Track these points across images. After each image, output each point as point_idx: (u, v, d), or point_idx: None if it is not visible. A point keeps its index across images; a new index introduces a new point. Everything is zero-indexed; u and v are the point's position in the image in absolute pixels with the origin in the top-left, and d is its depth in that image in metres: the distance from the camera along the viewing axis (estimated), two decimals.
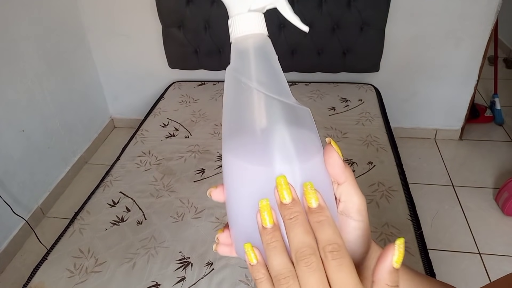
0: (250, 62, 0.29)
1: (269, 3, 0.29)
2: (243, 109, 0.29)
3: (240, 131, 0.29)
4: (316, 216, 0.27)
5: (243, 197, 0.29)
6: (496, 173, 2.03)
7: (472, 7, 1.88)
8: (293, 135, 0.28)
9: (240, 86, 0.29)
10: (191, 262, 1.15)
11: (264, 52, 0.29)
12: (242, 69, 0.29)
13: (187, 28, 2.06)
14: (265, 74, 0.29)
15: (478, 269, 1.56)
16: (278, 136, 0.28)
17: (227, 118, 0.30)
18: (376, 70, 2.07)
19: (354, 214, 0.30)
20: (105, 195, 1.42)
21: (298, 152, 0.28)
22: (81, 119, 2.23)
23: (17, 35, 1.74)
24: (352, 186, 0.30)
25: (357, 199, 0.30)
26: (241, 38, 0.29)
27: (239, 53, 0.29)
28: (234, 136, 0.30)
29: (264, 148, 0.28)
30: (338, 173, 0.29)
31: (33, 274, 1.15)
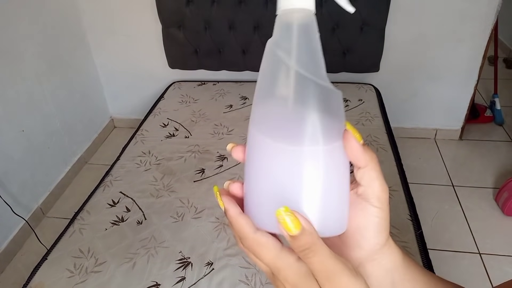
0: (292, 38, 0.29)
1: None
2: (276, 85, 0.29)
3: (270, 107, 0.30)
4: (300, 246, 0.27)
5: (265, 173, 0.30)
6: (496, 173, 2.03)
7: (472, 7, 1.88)
8: (321, 117, 0.28)
9: (277, 61, 0.29)
10: (191, 262, 1.15)
11: (307, 30, 0.29)
12: (282, 43, 0.29)
13: (187, 28, 2.06)
14: (304, 52, 0.29)
15: (478, 269, 1.56)
16: (307, 116, 0.28)
17: (259, 92, 0.30)
18: (376, 70, 2.07)
19: (374, 200, 0.30)
20: (105, 195, 1.42)
21: (324, 134, 0.28)
22: (81, 119, 2.23)
23: (17, 35, 1.74)
24: (374, 171, 0.30)
25: (378, 186, 0.30)
26: (288, 11, 0.29)
27: (283, 26, 0.29)
28: (264, 111, 0.30)
29: (291, 127, 0.28)
30: (357, 157, 0.29)
31: (33, 274, 1.15)
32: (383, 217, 0.31)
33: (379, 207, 0.30)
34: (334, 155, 0.29)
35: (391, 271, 0.33)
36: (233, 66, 2.17)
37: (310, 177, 0.29)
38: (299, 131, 0.28)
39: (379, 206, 0.30)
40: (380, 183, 0.30)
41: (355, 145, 0.29)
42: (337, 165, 0.29)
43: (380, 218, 0.30)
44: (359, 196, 0.31)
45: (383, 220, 0.31)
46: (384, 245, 0.32)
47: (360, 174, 0.30)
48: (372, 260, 0.32)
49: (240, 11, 1.98)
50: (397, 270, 0.33)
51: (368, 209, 0.30)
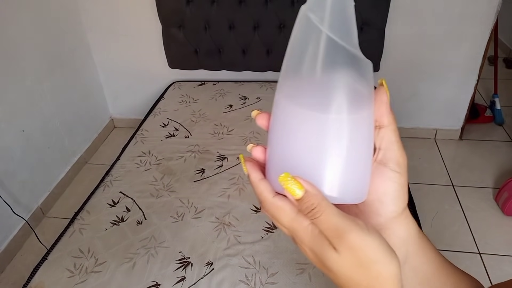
0: (326, 4, 0.28)
1: None
2: (307, 51, 0.29)
3: (299, 73, 0.30)
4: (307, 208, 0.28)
5: (289, 138, 0.30)
6: (496, 173, 2.03)
7: (472, 7, 1.88)
8: (349, 85, 0.28)
9: (309, 26, 0.29)
10: (191, 262, 1.15)
11: None
12: (316, 9, 0.29)
13: (187, 28, 2.06)
14: (337, 19, 0.28)
15: (478, 269, 1.56)
16: (335, 84, 0.28)
17: (289, 58, 0.30)
18: (376, 70, 2.07)
19: (393, 164, 0.31)
20: (105, 195, 1.42)
21: (351, 103, 0.28)
22: (81, 119, 2.23)
23: (17, 35, 1.74)
24: (394, 135, 0.31)
25: (397, 149, 0.31)
26: None
27: None
28: (292, 78, 0.30)
29: (319, 94, 0.29)
30: (383, 113, 0.30)
31: (33, 274, 1.15)
32: (402, 183, 0.31)
33: (398, 171, 0.31)
34: (359, 125, 0.29)
35: (406, 242, 0.33)
36: (233, 66, 2.17)
37: (333, 145, 0.29)
38: (326, 99, 0.28)
39: (398, 170, 0.31)
40: (399, 147, 0.31)
41: (385, 100, 0.30)
42: (361, 135, 0.30)
43: (399, 184, 0.31)
44: (379, 162, 0.31)
45: (401, 186, 0.31)
46: (401, 214, 0.32)
47: (381, 135, 0.31)
48: (388, 228, 0.33)
49: (240, 11, 1.98)
50: (411, 242, 0.34)
51: (387, 174, 0.31)
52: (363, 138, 0.30)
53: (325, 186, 0.29)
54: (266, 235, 1.22)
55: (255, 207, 1.32)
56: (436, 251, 0.36)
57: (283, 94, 0.30)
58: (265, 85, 2.11)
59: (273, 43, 2.04)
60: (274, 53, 2.07)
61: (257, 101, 1.96)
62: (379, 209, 0.32)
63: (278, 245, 1.18)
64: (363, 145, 0.30)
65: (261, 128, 1.44)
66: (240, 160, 0.33)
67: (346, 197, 0.30)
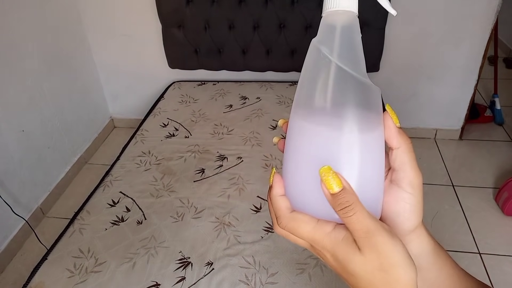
0: (335, 36, 0.30)
1: None
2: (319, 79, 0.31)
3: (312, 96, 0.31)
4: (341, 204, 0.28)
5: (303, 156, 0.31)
6: (496, 173, 2.03)
7: (472, 7, 1.88)
8: (358, 108, 0.30)
9: (320, 57, 0.31)
10: (191, 262, 1.15)
11: (350, 30, 0.31)
12: (326, 41, 0.31)
13: (187, 28, 2.06)
14: (346, 50, 0.30)
15: (478, 269, 1.56)
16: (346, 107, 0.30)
17: (303, 85, 0.32)
18: (376, 70, 2.07)
19: (406, 185, 0.31)
20: (105, 195, 1.42)
21: (361, 123, 0.30)
22: (81, 119, 2.23)
23: (17, 35, 1.74)
24: (406, 155, 0.31)
25: (410, 170, 0.31)
26: (332, 12, 0.31)
27: (327, 26, 0.31)
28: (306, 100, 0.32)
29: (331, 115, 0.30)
30: (391, 136, 0.31)
31: (33, 274, 1.15)
32: (414, 203, 0.31)
33: (410, 192, 0.31)
34: (370, 145, 0.31)
35: (417, 257, 0.33)
36: (233, 66, 2.17)
37: (345, 163, 0.30)
38: (337, 120, 0.30)
39: (410, 191, 0.31)
40: (412, 167, 0.31)
41: (391, 124, 0.30)
42: (372, 154, 0.31)
43: (411, 204, 0.31)
44: (392, 182, 0.32)
45: (413, 206, 0.31)
46: (413, 231, 0.32)
47: (393, 156, 0.31)
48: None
49: (240, 11, 1.98)
50: (425, 257, 0.34)
51: (400, 195, 0.31)
52: (374, 158, 0.31)
53: None
54: (266, 235, 1.22)
55: (255, 207, 1.32)
56: (454, 267, 0.36)
57: (298, 114, 0.32)
58: (265, 85, 2.11)
59: (273, 43, 2.04)
60: (274, 53, 2.07)
61: (257, 101, 1.96)
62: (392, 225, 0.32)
63: (278, 245, 1.18)
64: (374, 164, 0.31)
65: (261, 128, 1.44)
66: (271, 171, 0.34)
67: None
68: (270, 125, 1.76)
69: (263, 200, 1.35)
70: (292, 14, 1.95)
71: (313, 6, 1.91)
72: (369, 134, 0.31)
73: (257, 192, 1.39)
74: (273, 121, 1.79)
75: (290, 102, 1.94)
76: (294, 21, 1.97)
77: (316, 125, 0.31)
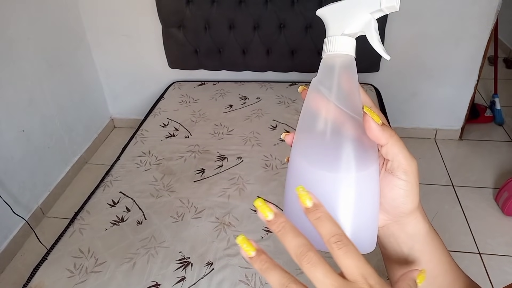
0: (334, 77, 0.33)
1: (361, 31, 0.33)
2: (317, 117, 0.33)
3: (311, 136, 0.34)
4: (313, 214, 0.28)
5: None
6: (496, 173, 2.03)
7: (472, 7, 1.88)
8: (355, 147, 0.32)
9: (318, 96, 0.33)
10: (191, 262, 1.15)
11: (348, 72, 0.33)
12: (325, 82, 0.33)
13: (187, 28, 2.06)
14: (343, 90, 0.33)
15: (478, 269, 1.56)
16: (342, 146, 0.32)
17: (302, 122, 0.34)
18: (376, 70, 2.07)
19: (399, 173, 0.32)
20: (105, 195, 1.42)
21: (357, 162, 0.32)
22: (81, 119, 2.23)
23: (17, 35, 1.74)
24: (396, 147, 0.32)
25: (403, 159, 0.32)
26: (332, 55, 0.34)
27: (327, 68, 0.34)
28: (305, 139, 0.34)
29: (329, 155, 0.32)
30: (377, 136, 0.31)
31: (33, 274, 1.15)
32: (409, 189, 0.33)
33: (404, 179, 0.32)
34: (366, 181, 0.32)
35: (412, 238, 0.36)
36: (233, 66, 2.17)
37: (344, 201, 0.32)
38: (335, 159, 0.32)
39: (404, 179, 0.32)
40: (405, 156, 0.32)
41: (373, 125, 0.31)
42: (368, 190, 0.33)
43: (406, 190, 0.33)
44: (387, 170, 0.33)
45: (408, 192, 0.33)
46: (410, 214, 0.34)
47: (384, 151, 0.32)
48: (397, 223, 0.35)
49: (240, 11, 1.98)
50: (419, 240, 0.36)
51: (394, 182, 0.33)
52: (370, 193, 0.33)
53: None
54: (266, 235, 1.22)
55: (255, 207, 1.32)
56: (447, 253, 0.38)
57: (297, 153, 0.34)
58: (265, 85, 2.11)
59: (273, 43, 2.04)
60: (274, 53, 2.07)
61: (257, 101, 1.96)
62: (389, 210, 0.34)
63: (278, 245, 1.18)
64: (370, 199, 0.33)
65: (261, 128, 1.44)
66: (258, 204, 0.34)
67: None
68: (270, 125, 1.76)
69: None
70: (292, 14, 1.95)
71: (313, 6, 1.91)
72: (364, 171, 0.32)
73: (257, 192, 1.39)
74: (273, 121, 1.79)
75: (290, 102, 1.94)
76: (294, 21, 1.97)
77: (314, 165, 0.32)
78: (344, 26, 0.33)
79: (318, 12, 0.35)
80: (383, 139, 0.32)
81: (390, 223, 0.35)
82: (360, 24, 0.33)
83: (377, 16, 0.33)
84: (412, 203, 0.34)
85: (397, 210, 0.34)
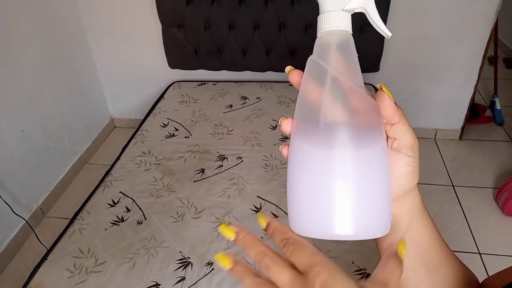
0: (331, 52, 0.31)
1: (360, 6, 0.31)
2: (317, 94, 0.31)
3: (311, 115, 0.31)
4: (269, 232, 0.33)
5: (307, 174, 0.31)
6: (496, 173, 2.03)
7: (472, 7, 1.88)
8: (357, 123, 0.30)
9: (317, 72, 0.31)
10: (191, 262, 1.15)
11: (345, 47, 0.31)
12: (322, 57, 0.31)
13: (187, 28, 2.06)
14: (342, 65, 0.31)
15: (478, 269, 1.56)
16: (345, 122, 0.30)
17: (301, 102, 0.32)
18: (376, 70, 2.07)
19: (407, 150, 0.33)
20: (105, 195, 1.42)
21: (358, 140, 0.30)
22: (81, 119, 2.23)
23: (17, 35, 1.74)
24: (405, 125, 0.33)
25: (411, 136, 0.33)
26: (328, 32, 0.31)
27: (323, 45, 0.32)
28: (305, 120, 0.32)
29: (330, 133, 0.30)
30: (391, 114, 0.32)
31: (33, 274, 1.15)
32: (415, 164, 0.33)
33: (412, 155, 0.33)
34: (372, 159, 0.30)
35: (410, 212, 0.37)
36: (233, 66, 2.17)
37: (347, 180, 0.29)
38: (336, 135, 0.30)
39: (412, 155, 0.33)
40: (412, 134, 0.33)
41: (389, 103, 0.31)
42: (375, 169, 0.30)
43: (413, 166, 0.33)
44: (394, 149, 0.33)
45: (415, 168, 0.34)
46: (412, 189, 0.35)
47: (394, 129, 0.33)
48: (399, 200, 0.35)
49: (240, 11, 1.98)
50: (416, 213, 0.37)
51: (402, 159, 0.33)
52: (377, 172, 0.31)
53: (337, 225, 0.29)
54: (266, 235, 1.21)
55: (255, 207, 1.32)
56: (436, 228, 0.39)
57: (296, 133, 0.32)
58: (265, 85, 2.11)
59: (273, 43, 2.04)
60: (274, 53, 2.07)
61: (257, 101, 1.96)
62: (393, 189, 0.34)
63: (278, 245, 1.18)
64: (378, 178, 0.31)
65: (261, 128, 1.43)
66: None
67: (365, 233, 0.30)
68: (270, 125, 1.76)
69: (263, 200, 1.35)
70: (292, 14, 1.95)
71: (313, 6, 1.91)
72: (370, 149, 0.30)
73: (257, 192, 1.39)
74: (273, 121, 1.79)
75: (290, 102, 1.94)
76: (294, 21, 1.97)
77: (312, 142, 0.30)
78: (342, 1, 0.31)
79: None
80: (396, 117, 0.32)
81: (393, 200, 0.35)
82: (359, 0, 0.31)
83: None
84: (417, 178, 0.34)
85: (403, 188, 0.34)
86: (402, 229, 0.36)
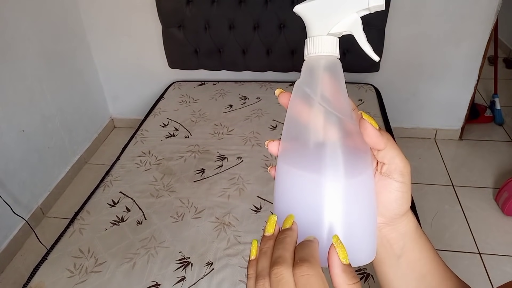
0: (318, 78, 0.30)
1: (347, 30, 0.31)
2: (303, 120, 0.30)
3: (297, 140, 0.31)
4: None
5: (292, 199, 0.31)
6: (496, 173, 2.03)
7: (472, 7, 1.88)
8: (345, 152, 0.29)
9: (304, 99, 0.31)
10: (191, 262, 1.15)
11: (333, 72, 0.31)
12: (309, 83, 0.31)
13: (187, 28, 2.06)
14: (329, 91, 0.30)
15: (478, 269, 1.56)
16: (331, 151, 0.29)
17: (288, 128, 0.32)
18: (376, 70, 2.07)
19: (397, 175, 0.32)
20: (105, 195, 1.42)
21: (346, 168, 0.29)
22: (81, 119, 2.23)
23: (17, 35, 1.74)
24: (393, 150, 0.32)
25: (400, 162, 0.32)
26: (315, 57, 0.31)
27: (310, 70, 0.31)
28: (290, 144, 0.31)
29: (317, 160, 0.29)
30: (375, 142, 0.31)
31: (33, 274, 1.15)
32: (406, 190, 0.33)
33: (401, 181, 0.32)
34: (359, 188, 0.30)
35: (404, 236, 0.36)
36: (233, 66, 2.17)
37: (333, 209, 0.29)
38: (327, 165, 0.29)
39: (401, 180, 0.32)
40: (401, 159, 0.32)
41: (372, 131, 0.30)
42: (362, 197, 0.30)
43: (403, 192, 0.32)
44: (383, 174, 0.33)
45: (405, 193, 0.33)
46: (404, 214, 0.35)
47: (381, 154, 0.32)
48: (390, 225, 0.35)
49: (240, 11, 1.98)
50: (409, 237, 0.36)
51: (391, 185, 0.32)
52: (364, 200, 0.31)
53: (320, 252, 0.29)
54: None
55: (255, 207, 1.33)
56: (434, 251, 0.38)
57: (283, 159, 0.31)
58: (265, 85, 2.11)
59: (273, 43, 2.04)
60: (274, 53, 2.07)
61: (257, 101, 1.96)
62: (384, 213, 0.34)
63: None
64: (365, 207, 0.31)
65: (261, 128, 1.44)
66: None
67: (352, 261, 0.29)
68: (270, 125, 1.76)
69: (263, 200, 1.35)
70: (292, 14, 1.94)
71: None
72: (357, 178, 0.30)
73: (257, 192, 1.39)
74: (273, 121, 1.79)
75: None
76: (294, 21, 1.97)
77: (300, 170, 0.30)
78: (329, 25, 0.30)
79: (296, 9, 0.32)
80: (381, 144, 0.31)
81: (383, 225, 0.35)
82: (346, 23, 0.30)
83: (362, 14, 0.31)
84: (408, 203, 0.34)
85: (393, 213, 0.33)
86: (397, 252, 0.36)
